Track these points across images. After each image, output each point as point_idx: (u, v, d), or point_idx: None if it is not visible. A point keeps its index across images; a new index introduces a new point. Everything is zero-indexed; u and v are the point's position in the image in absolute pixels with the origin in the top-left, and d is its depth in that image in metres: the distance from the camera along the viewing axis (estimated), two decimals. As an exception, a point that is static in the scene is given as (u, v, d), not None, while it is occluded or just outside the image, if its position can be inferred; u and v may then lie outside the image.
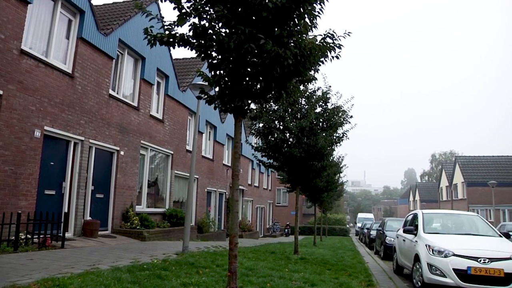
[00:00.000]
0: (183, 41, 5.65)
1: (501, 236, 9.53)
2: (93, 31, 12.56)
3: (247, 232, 28.61)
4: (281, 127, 13.75)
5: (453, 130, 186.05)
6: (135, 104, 15.40)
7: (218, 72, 5.78)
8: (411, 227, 10.47)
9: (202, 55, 5.74)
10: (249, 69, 5.62)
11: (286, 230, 41.77)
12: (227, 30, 5.46)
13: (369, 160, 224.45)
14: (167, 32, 5.65)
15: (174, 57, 20.75)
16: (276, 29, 5.36)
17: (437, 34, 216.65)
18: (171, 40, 5.65)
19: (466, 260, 7.99)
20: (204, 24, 5.52)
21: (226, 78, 5.75)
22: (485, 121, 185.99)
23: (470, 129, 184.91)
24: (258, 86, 5.82)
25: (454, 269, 7.96)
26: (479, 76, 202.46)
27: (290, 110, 13.73)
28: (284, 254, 13.52)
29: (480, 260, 7.92)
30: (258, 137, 14.52)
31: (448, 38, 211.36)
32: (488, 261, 7.89)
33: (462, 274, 7.88)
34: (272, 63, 5.33)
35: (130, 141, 14.84)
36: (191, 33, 5.58)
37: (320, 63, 5.96)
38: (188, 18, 5.52)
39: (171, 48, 5.78)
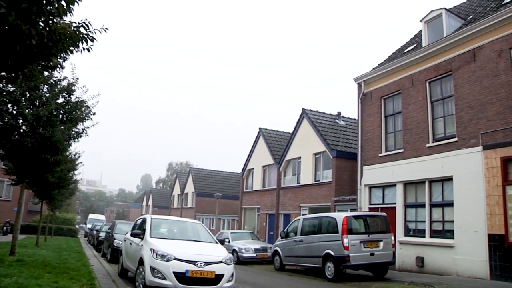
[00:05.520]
0: None
1: (217, 243, 10.61)
2: None
3: (-47, 228, 24.50)
4: (14, 112, 12.35)
5: (191, 143, 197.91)
6: None
7: None
8: (139, 231, 10.71)
9: None
10: (-18, 39, 4.86)
11: (5, 228, 37.28)
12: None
13: (108, 160, 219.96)
14: None
15: None
16: (24, 2, 4.81)
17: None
18: None
19: (185, 263, 8.68)
20: None
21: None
22: (217, 136, 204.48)
23: (205, 143, 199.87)
24: (-9, 60, 5.10)
25: (174, 272, 8.54)
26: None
27: (28, 95, 12.48)
28: (-4, 255, 12.10)
29: (197, 264, 8.74)
30: (-17, 119, 12.71)
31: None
32: (204, 265, 8.79)
33: (180, 276, 8.54)
34: (13, 38, 4.75)
35: None
36: None
37: (70, 52, 5.64)
38: None
39: None
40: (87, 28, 5.53)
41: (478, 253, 13.58)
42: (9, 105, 12.29)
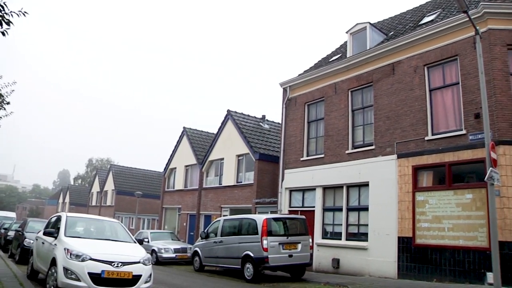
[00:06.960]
0: None
1: (135, 243, 10.35)
2: None
3: None
4: None
5: (114, 139, 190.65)
6: None
7: None
8: (53, 229, 10.17)
9: None
10: None
11: None
12: None
13: (22, 154, 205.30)
14: None
15: None
16: None
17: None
18: None
19: (101, 264, 8.38)
20: None
21: None
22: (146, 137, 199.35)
23: (128, 139, 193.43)
24: None
25: (89, 273, 8.22)
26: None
27: None
28: None
29: (114, 264, 8.48)
30: None
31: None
32: (121, 265, 8.54)
33: (96, 277, 8.23)
34: None
35: None
36: None
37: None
38: None
39: None
40: (2, 9, 5.18)
41: (388, 255, 14.39)
42: None
